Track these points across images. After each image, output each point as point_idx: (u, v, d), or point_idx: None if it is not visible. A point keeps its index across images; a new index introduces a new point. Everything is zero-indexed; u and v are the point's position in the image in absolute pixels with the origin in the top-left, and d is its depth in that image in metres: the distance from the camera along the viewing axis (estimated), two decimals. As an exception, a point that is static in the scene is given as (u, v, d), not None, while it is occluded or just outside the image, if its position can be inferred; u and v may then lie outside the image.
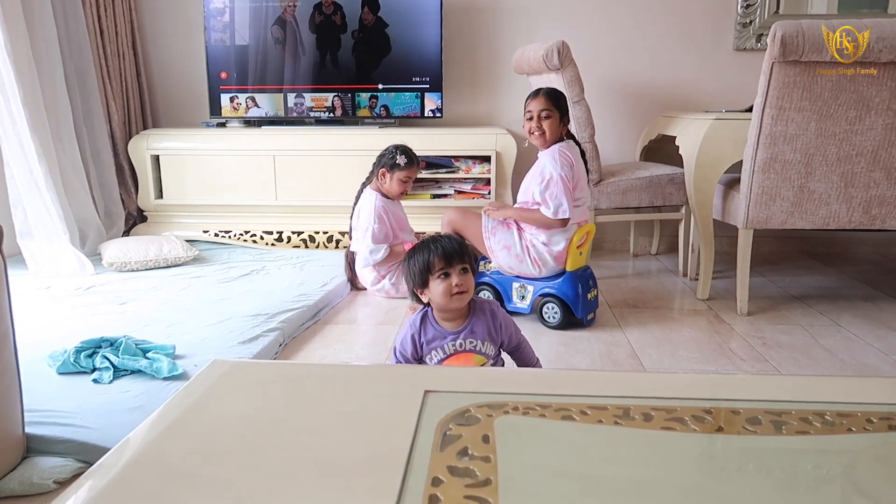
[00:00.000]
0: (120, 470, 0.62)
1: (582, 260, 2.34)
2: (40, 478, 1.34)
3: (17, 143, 2.74)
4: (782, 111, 2.27)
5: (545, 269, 2.29)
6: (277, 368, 0.88)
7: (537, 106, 2.26)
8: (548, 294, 2.30)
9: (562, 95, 2.31)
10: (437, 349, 1.51)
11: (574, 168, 2.25)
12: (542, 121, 2.25)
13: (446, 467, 0.60)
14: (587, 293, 2.30)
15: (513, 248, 2.33)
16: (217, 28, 3.41)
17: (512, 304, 2.40)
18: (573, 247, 2.26)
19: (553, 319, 2.29)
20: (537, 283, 2.33)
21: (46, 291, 2.59)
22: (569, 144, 2.30)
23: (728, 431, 0.67)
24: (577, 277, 2.28)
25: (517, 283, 2.37)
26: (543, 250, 2.28)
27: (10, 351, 1.34)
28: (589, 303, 2.31)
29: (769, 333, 2.28)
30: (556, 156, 2.24)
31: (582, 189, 2.30)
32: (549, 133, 2.26)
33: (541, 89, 2.29)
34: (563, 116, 2.28)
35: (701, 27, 3.46)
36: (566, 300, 2.26)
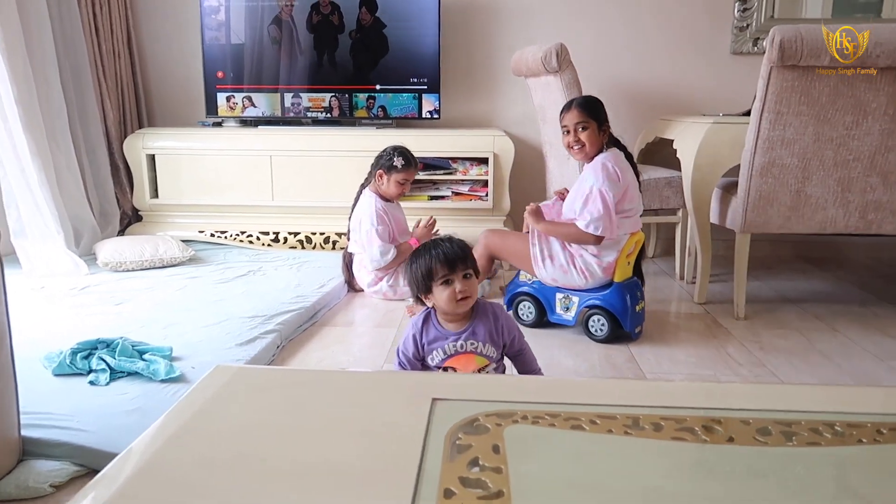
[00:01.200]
0: (126, 480, 0.62)
1: (629, 270, 2.24)
2: (36, 481, 1.33)
3: (10, 142, 2.72)
4: (780, 115, 2.28)
5: (592, 281, 2.18)
6: (282, 375, 0.87)
7: (572, 119, 2.16)
8: (595, 306, 2.19)
9: (597, 102, 2.19)
10: (437, 349, 1.50)
11: (621, 178, 2.13)
12: (580, 133, 2.15)
13: (458, 478, 0.60)
14: (635, 305, 2.19)
15: (557, 259, 2.23)
16: (213, 27, 3.39)
17: (555, 315, 2.29)
18: (622, 257, 2.17)
19: (600, 332, 2.19)
20: (583, 295, 2.22)
21: (41, 291, 2.57)
22: (613, 153, 2.17)
23: (738, 442, 0.67)
24: (625, 288, 2.18)
25: (561, 293, 2.27)
26: (592, 261, 2.17)
27: (7, 352, 1.32)
28: (637, 315, 2.21)
29: (766, 338, 2.29)
30: (598, 169, 2.13)
31: (631, 199, 2.17)
32: (588, 145, 2.15)
33: (573, 100, 2.20)
34: (601, 125, 2.17)
35: (698, 31, 3.47)
36: (614, 312, 2.16)
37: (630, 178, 2.17)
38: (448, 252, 1.45)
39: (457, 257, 1.44)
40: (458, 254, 1.45)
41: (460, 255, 1.45)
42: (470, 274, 1.47)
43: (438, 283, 1.45)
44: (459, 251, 1.45)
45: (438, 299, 1.47)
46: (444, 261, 1.44)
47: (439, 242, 1.48)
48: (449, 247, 1.46)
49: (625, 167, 2.16)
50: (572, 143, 2.18)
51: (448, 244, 1.47)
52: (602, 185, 2.11)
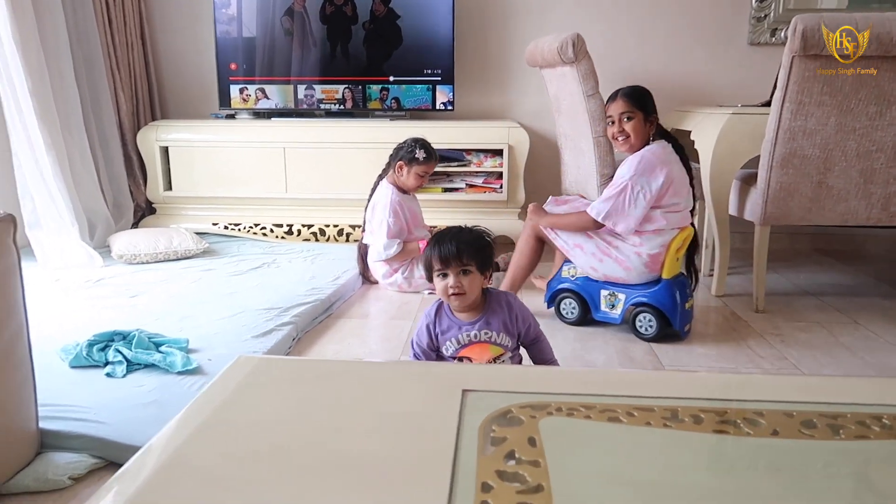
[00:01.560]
0: (152, 473, 0.60)
1: (678, 266, 2.14)
2: (55, 474, 1.32)
3: (24, 134, 2.72)
4: (802, 106, 2.24)
5: (634, 273, 2.10)
6: (307, 365, 0.85)
7: (617, 109, 2.09)
8: (642, 303, 2.12)
9: (644, 92, 2.12)
10: (451, 339, 1.49)
11: (664, 171, 2.04)
12: (625, 123, 2.08)
13: (495, 472, 0.58)
14: (685, 302, 2.11)
15: (586, 247, 2.17)
16: (226, 19, 3.38)
17: (600, 312, 2.21)
18: (672, 253, 2.07)
19: (648, 331, 2.12)
20: (629, 291, 2.14)
21: (56, 283, 2.57)
22: (660, 145, 2.09)
23: (783, 435, 0.64)
24: (674, 285, 2.09)
25: (606, 290, 2.19)
26: (630, 251, 2.10)
27: (25, 345, 1.32)
28: (686, 313, 2.13)
29: (787, 331, 2.25)
30: (634, 160, 2.06)
31: (676, 193, 2.07)
32: (634, 136, 2.08)
33: (619, 90, 2.12)
34: (648, 115, 2.09)
35: (715, 21, 3.42)
36: (663, 310, 2.08)
37: (677, 171, 2.08)
38: (443, 249, 1.44)
39: (451, 255, 1.43)
40: (453, 252, 1.43)
41: (455, 254, 1.43)
42: (468, 270, 1.45)
43: (436, 274, 1.47)
44: (456, 249, 1.43)
45: (437, 289, 1.49)
46: (438, 256, 1.44)
47: (444, 236, 1.47)
48: (448, 244, 1.44)
49: (671, 160, 2.08)
50: (617, 134, 2.11)
51: (448, 241, 1.44)
52: (633, 176, 2.05)
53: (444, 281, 1.45)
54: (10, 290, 1.25)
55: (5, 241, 1.23)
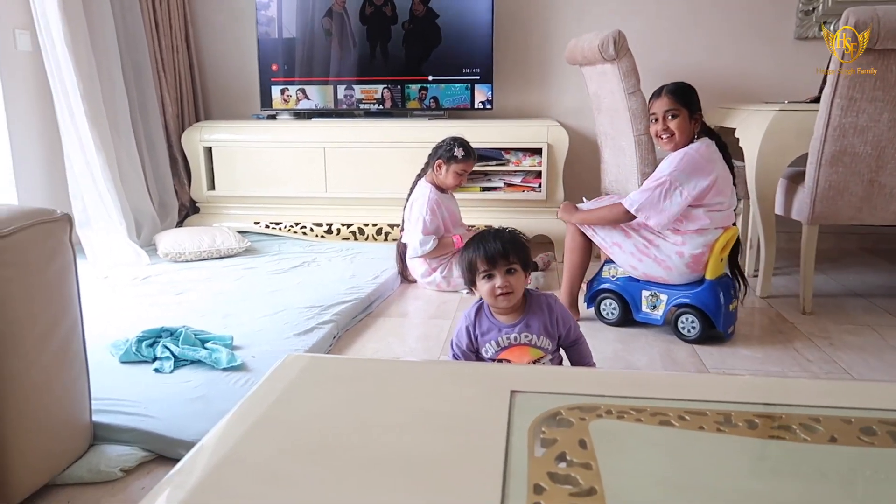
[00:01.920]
0: (209, 469, 0.61)
1: (722, 267, 2.09)
2: (107, 465, 1.36)
3: (76, 136, 2.80)
4: (853, 102, 2.18)
5: (676, 273, 2.07)
6: (356, 364, 0.86)
7: (661, 106, 2.05)
8: (685, 304, 2.08)
9: (689, 89, 2.07)
10: (491, 342, 1.49)
11: (710, 173, 2.00)
12: (669, 121, 2.04)
13: (546, 473, 0.58)
14: (729, 304, 2.07)
15: (625, 245, 2.14)
16: (268, 21, 3.43)
17: (641, 313, 2.18)
18: (716, 253, 2.03)
19: (691, 332, 2.08)
20: (671, 292, 2.11)
21: (104, 281, 2.64)
22: (704, 143, 2.04)
23: (842, 442, 0.63)
24: (718, 286, 2.05)
25: (647, 290, 2.16)
26: (671, 251, 2.07)
27: (79, 340, 1.36)
28: (730, 314, 2.09)
29: (835, 333, 2.20)
30: (676, 157, 2.02)
31: (720, 192, 2.03)
32: (678, 134, 2.03)
33: (663, 87, 2.07)
34: (693, 113, 2.05)
35: (760, 15, 3.34)
36: (707, 312, 2.04)
37: (721, 169, 2.04)
38: (489, 248, 1.43)
39: (498, 254, 1.42)
40: (500, 250, 1.42)
41: (502, 252, 1.42)
42: (514, 269, 1.44)
43: (480, 276, 1.45)
44: (502, 248, 1.42)
45: (481, 292, 1.47)
46: (484, 256, 1.43)
47: (485, 236, 1.46)
48: (492, 243, 1.43)
49: (714, 158, 2.04)
50: (660, 132, 2.06)
51: (492, 240, 1.44)
52: (673, 173, 2.01)
53: (490, 282, 1.43)
54: (66, 287, 1.29)
55: (62, 240, 1.27)
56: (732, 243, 2.10)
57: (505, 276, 1.43)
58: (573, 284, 2.33)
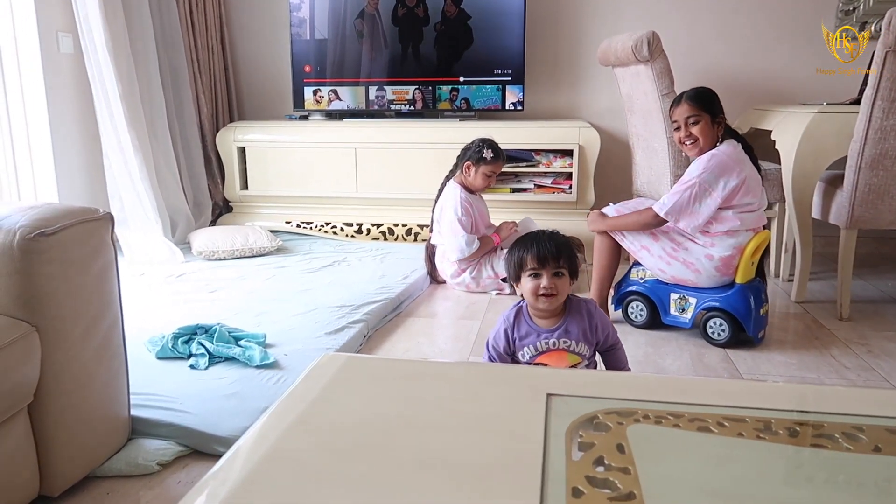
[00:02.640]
0: (251, 466, 0.62)
1: (752, 271, 2.07)
2: (145, 459, 1.39)
3: (115, 137, 2.86)
4: (895, 104, 2.13)
5: (705, 276, 2.06)
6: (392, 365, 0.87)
7: (682, 113, 2.05)
8: (714, 308, 2.06)
9: (710, 93, 2.07)
10: (528, 346, 1.49)
11: (738, 173, 1.99)
12: (691, 127, 2.04)
13: (584, 477, 0.58)
14: (759, 308, 2.05)
15: (652, 249, 2.13)
16: (300, 22, 3.46)
17: (669, 316, 2.18)
18: (747, 256, 2.01)
19: (720, 336, 2.07)
20: (700, 295, 2.09)
21: (141, 278, 2.70)
22: (730, 145, 2.04)
23: (886, 452, 0.62)
24: (748, 290, 2.03)
25: (676, 293, 2.15)
26: (700, 254, 2.05)
27: (119, 336, 1.39)
28: (760, 318, 2.07)
29: (874, 340, 2.15)
30: (703, 160, 2.02)
31: (751, 192, 2.02)
32: (702, 139, 2.03)
33: (683, 94, 2.08)
34: (715, 117, 2.04)
35: (798, 15, 3.28)
36: (736, 315, 2.02)
37: (749, 169, 2.03)
38: (542, 247, 1.44)
39: (549, 254, 1.43)
40: (552, 251, 1.43)
41: (553, 254, 1.43)
42: (561, 273, 1.44)
43: (527, 274, 1.46)
44: (554, 249, 1.43)
45: (524, 290, 1.47)
46: (535, 254, 1.43)
47: (539, 236, 1.47)
48: (546, 243, 1.44)
49: (742, 158, 2.04)
50: (684, 139, 2.07)
51: (546, 240, 1.45)
52: (702, 174, 2.01)
53: (535, 281, 1.44)
54: (108, 284, 1.32)
55: (104, 238, 1.30)
56: (764, 247, 2.08)
57: (551, 278, 1.43)
58: (602, 287, 2.31)
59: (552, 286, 1.43)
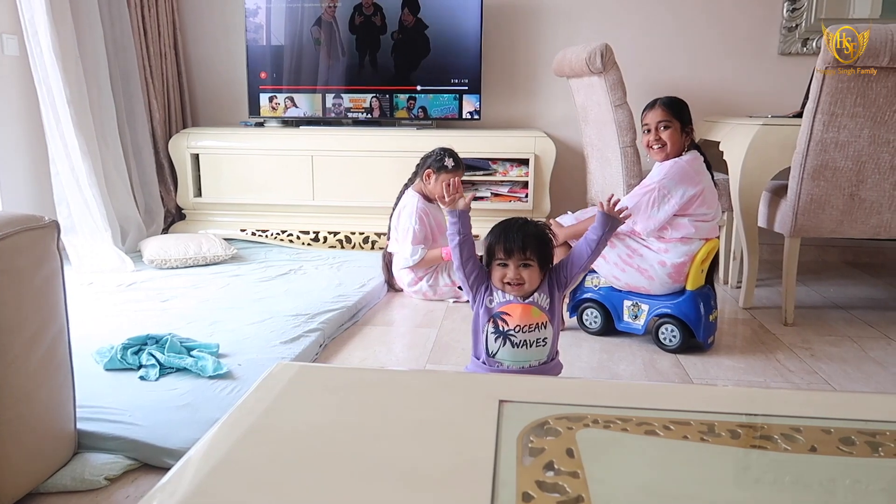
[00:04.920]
0: (200, 477, 0.62)
1: (702, 278, 2.12)
2: (91, 474, 1.35)
3: (62, 142, 2.78)
4: (834, 117, 2.22)
5: (658, 283, 2.10)
6: (346, 374, 0.87)
7: (654, 117, 2.11)
8: (665, 314, 2.12)
9: (682, 103, 2.14)
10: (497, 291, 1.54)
11: (697, 184, 2.06)
12: (661, 132, 2.09)
13: (534, 482, 0.59)
14: (709, 314, 2.11)
15: (608, 256, 2.16)
16: (256, 28, 3.43)
17: (622, 323, 2.21)
18: (697, 264, 2.07)
19: (671, 342, 2.12)
20: (652, 302, 2.14)
21: (89, 287, 2.62)
22: (693, 156, 2.11)
23: (822, 452, 0.65)
24: (698, 297, 2.08)
25: (629, 300, 2.19)
26: (654, 260, 2.10)
27: (65, 347, 1.35)
28: (710, 325, 2.12)
29: (817, 345, 2.23)
30: (666, 166, 2.08)
31: (705, 203, 2.09)
32: (670, 144, 2.09)
33: (657, 99, 2.14)
34: (685, 126, 2.11)
35: (745, 31, 3.40)
36: (687, 322, 2.08)
37: (707, 182, 2.10)
38: (509, 240, 1.49)
39: (515, 248, 1.49)
40: (519, 245, 1.49)
41: (519, 245, 1.49)
42: (529, 264, 1.50)
43: (495, 263, 1.52)
44: (521, 241, 1.49)
45: (493, 276, 1.54)
46: (503, 247, 1.50)
47: (511, 226, 1.52)
48: (514, 235, 1.49)
49: (702, 170, 2.11)
50: (652, 143, 2.12)
51: (515, 232, 1.50)
52: (663, 181, 2.07)
53: (503, 269, 1.50)
54: (53, 294, 1.28)
55: (49, 247, 1.26)
56: (713, 255, 2.14)
57: (518, 269, 1.49)
58: None
59: (518, 276, 1.49)
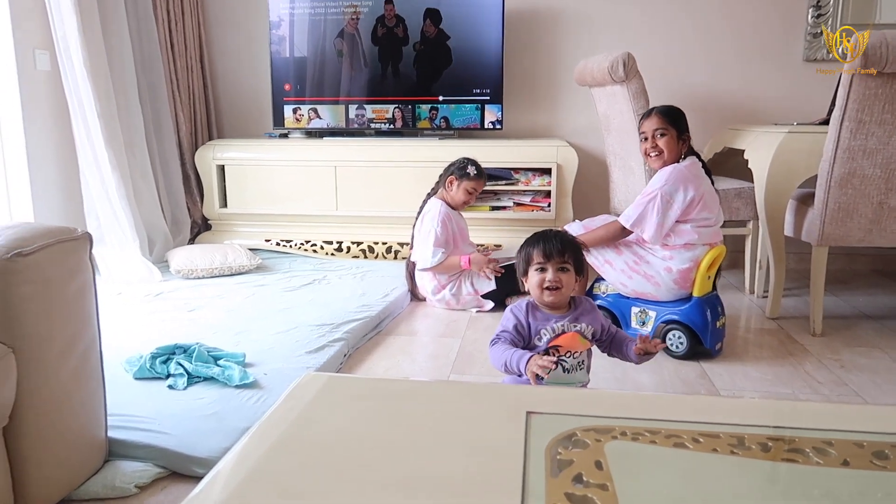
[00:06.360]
0: (234, 487, 0.63)
1: (709, 285, 2.14)
2: (122, 482, 1.37)
3: (92, 155, 2.84)
4: (862, 124, 2.19)
5: (664, 289, 2.12)
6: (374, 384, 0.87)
7: (651, 125, 2.15)
8: (672, 321, 2.12)
9: (678, 111, 2.18)
10: (546, 328, 1.54)
11: (697, 187, 2.09)
12: (658, 139, 2.13)
13: (563, 494, 0.59)
14: (716, 320, 2.11)
15: (615, 263, 2.20)
16: (280, 41, 3.48)
17: (630, 329, 2.22)
18: (702, 270, 2.08)
19: (678, 349, 2.12)
20: (660, 309, 2.15)
21: (118, 297, 2.66)
22: (691, 161, 2.15)
23: (854, 466, 0.64)
24: (705, 303, 2.09)
25: (636, 307, 2.20)
26: (660, 267, 2.12)
27: (97, 356, 1.38)
28: (717, 331, 2.13)
29: (846, 355, 2.19)
30: (665, 172, 2.11)
31: (706, 207, 2.11)
32: (667, 152, 2.13)
33: (654, 108, 2.19)
34: (681, 133, 2.15)
35: (769, 38, 3.37)
36: (694, 328, 2.08)
37: (706, 186, 2.14)
38: (548, 244, 1.53)
39: (554, 250, 1.52)
40: (557, 248, 1.52)
41: (559, 249, 1.52)
42: (566, 268, 1.52)
43: (533, 268, 1.54)
44: (560, 245, 1.52)
45: (530, 283, 1.55)
46: (542, 250, 1.53)
47: (547, 234, 1.56)
48: (553, 240, 1.53)
49: (700, 175, 2.14)
50: (649, 150, 2.17)
51: (553, 238, 1.54)
52: (664, 186, 2.10)
53: (541, 274, 1.52)
54: (86, 304, 1.31)
55: (82, 258, 1.29)
56: (720, 261, 2.16)
57: (556, 272, 1.52)
58: None
59: (557, 280, 1.52)
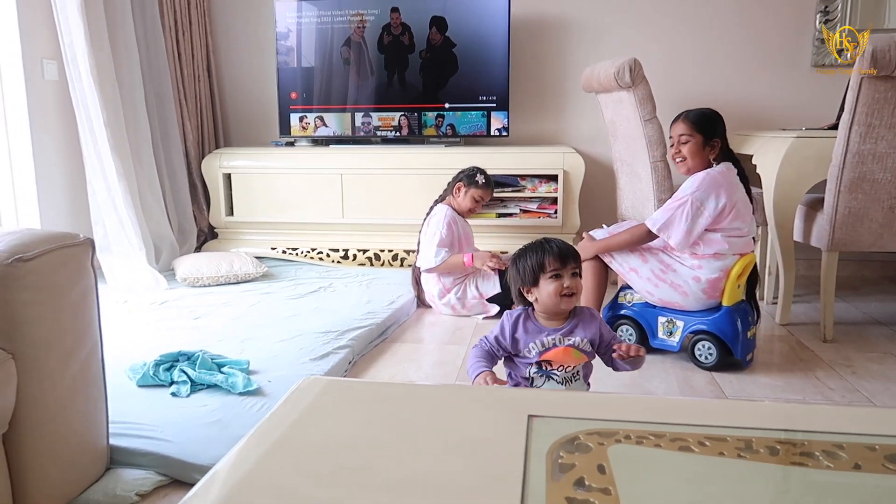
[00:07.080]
0: (228, 491, 0.61)
1: (739, 294, 2.08)
2: (123, 490, 1.36)
3: (99, 164, 2.85)
4: (871, 128, 2.17)
5: (692, 298, 2.06)
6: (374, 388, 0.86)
7: (676, 131, 2.11)
8: (701, 331, 2.07)
9: (709, 116, 2.10)
10: (535, 342, 1.48)
11: (730, 195, 2.03)
12: (681, 146, 2.09)
13: (564, 498, 0.57)
14: (747, 330, 2.05)
15: (641, 271, 2.14)
16: (287, 50, 3.49)
17: (657, 340, 2.17)
18: (732, 279, 2.03)
19: (708, 359, 2.06)
20: (688, 318, 2.10)
21: (123, 305, 2.66)
22: (726, 167, 2.08)
23: (866, 469, 0.62)
24: (735, 313, 2.04)
25: (664, 317, 2.15)
26: (688, 276, 2.06)
27: (98, 363, 1.37)
28: (748, 341, 2.07)
29: (858, 362, 2.16)
30: (699, 179, 2.05)
31: (738, 216, 2.05)
32: (689, 159, 2.08)
33: (684, 112, 2.13)
34: (709, 139, 2.07)
35: (777, 43, 3.36)
36: (724, 338, 2.02)
37: (740, 195, 2.07)
38: (561, 247, 1.46)
39: (569, 253, 1.46)
40: (571, 250, 1.47)
41: (572, 252, 1.47)
42: (578, 273, 1.47)
43: (547, 276, 1.45)
44: (571, 248, 1.48)
45: (543, 292, 1.46)
46: (557, 255, 1.45)
47: (550, 240, 1.50)
48: (562, 243, 1.48)
49: (734, 182, 2.07)
50: (674, 156, 2.14)
51: (560, 242, 1.49)
52: (695, 193, 2.04)
53: (557, 281, 1.44)
54: (87, 311, 1.30)
55: (84, 264, 1.29)
56: (749, 270, 2.09)
57: (571, 278, 1.45)
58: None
59: (573, 285, 1.45)
